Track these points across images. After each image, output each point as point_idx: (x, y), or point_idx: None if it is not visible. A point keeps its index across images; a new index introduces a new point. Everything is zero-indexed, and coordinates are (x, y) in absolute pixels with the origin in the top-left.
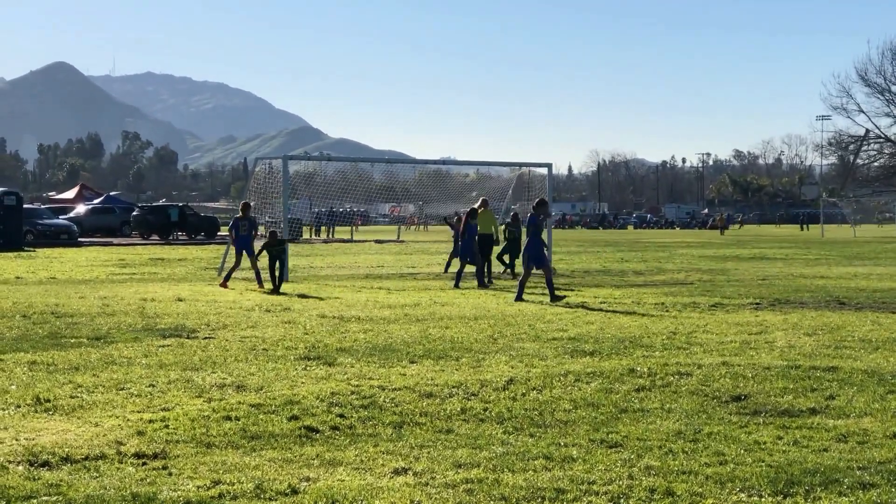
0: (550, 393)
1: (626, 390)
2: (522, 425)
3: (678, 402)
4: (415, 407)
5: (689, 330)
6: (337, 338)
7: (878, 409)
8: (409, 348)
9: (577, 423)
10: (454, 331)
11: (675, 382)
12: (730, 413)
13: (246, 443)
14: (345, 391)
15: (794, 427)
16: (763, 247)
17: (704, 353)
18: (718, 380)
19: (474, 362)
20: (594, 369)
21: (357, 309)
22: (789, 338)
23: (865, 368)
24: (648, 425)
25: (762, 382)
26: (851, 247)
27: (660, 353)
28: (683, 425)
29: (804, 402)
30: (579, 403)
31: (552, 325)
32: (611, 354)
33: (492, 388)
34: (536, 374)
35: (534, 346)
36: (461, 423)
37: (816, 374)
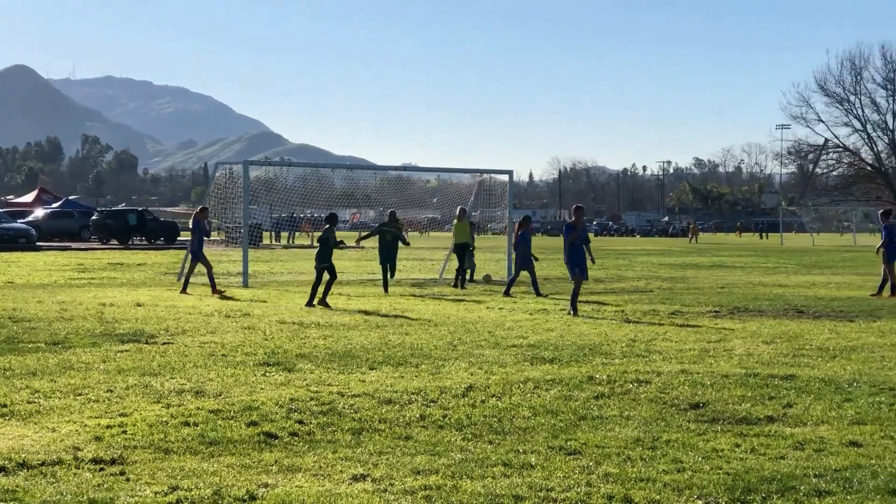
0: (510, 400)
1: (585, 398)
2: (481, 432)
3: (637, 410)
4: (374, 413)
5: (649, 338)
6: (296, 344)
7: (834, 417)
8: (369, 354)
9: (536, 430)
10: (414, 337)
11: (634, 390)
12: (688, 421)
13: (204, 448)
14: (304, 397)
15: (752, 435)
16: (722, 255)
17: (663, 361)
18: (677, 387)
19: (434, 369)
20: (554, 376)
21: (316, 315)
22: (748, 346)
23: (822, 377)
24: (607, 432)
25: (720, 390)
26: (810, 255)
27: (619, 360)
28: (642, 433)
29: (762, 410)
30: (538, 410)
31: (512, 332)
32: (570, 362)
33: (451, 394)
34: (496, 381)
35: (493, 353)
36: (420, 429)
37: (774, 383)
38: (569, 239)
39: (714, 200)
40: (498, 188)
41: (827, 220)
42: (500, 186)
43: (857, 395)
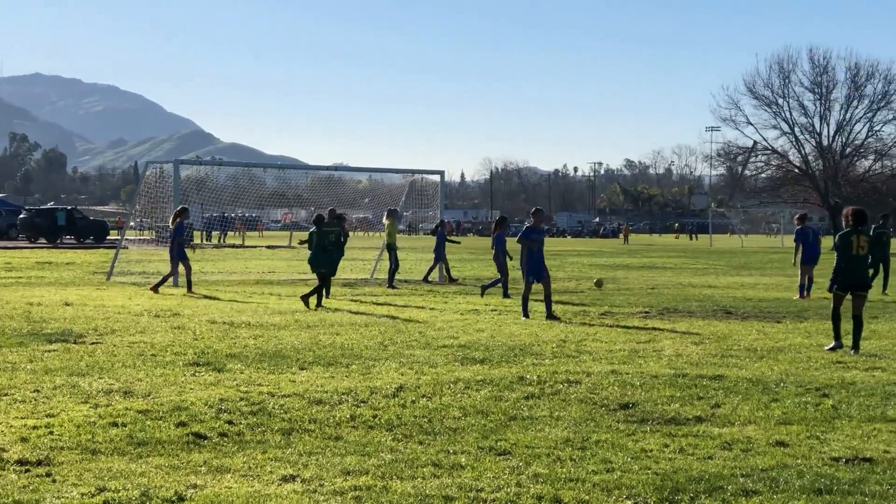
0: (440, 400)
1: (515, 398)
2: (412, 432)
3: (567, 410)
4: (304, 414)
5: (579, 338)
6: (226, 343)
7: (761, 417)
8: (299, 354)
9: (466, 431)
10: (344, 337)
11: (564, 390)
12: (617, 421)
13: (132, 449)
14: (234, 397)
15: (681, 435)
16: (653, 256)
17: (593, 362)
18: (607, 388)
19: (364, 369)
20: (484, 377)
21: (247, 314)
22: (677, 346)
23: (750, 377)
24: (537, 433)
25: (650, 391)
26: (739, 257)
27: (549, 361)
28: (572, 433)
29: (690, 410)
30: (469, 411)
31: (443, 333)
32: (501, 362)
33: (381, 395)
34: (426, 381)
35: (424, 354)
36: (350, 430)
37: (703, 383)
38: (527, 243)
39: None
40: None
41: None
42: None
43: (783, 395)
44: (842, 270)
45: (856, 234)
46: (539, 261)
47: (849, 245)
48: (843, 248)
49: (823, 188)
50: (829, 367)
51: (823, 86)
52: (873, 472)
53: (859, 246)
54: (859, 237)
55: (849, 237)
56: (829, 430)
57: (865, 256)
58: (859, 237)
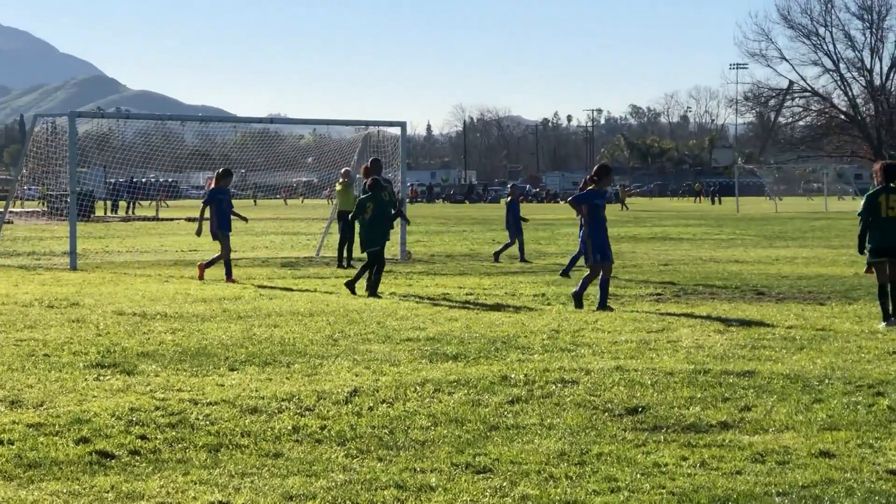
0: (404, 406)
1: (497, 402)
2: (369, 447)
3: (561, 417)
4: (235, 425)
5: (576, 327)
6: (138, 340)
7: (801, 421)
8: (229, 352)
9: (436, 444)
10: (285, 330)
11: (557, 392)
12: (624, 429)
13: (22, 472)
14: (147, 406)
15: (702, 445)
16: (666, 224)
17: (594, 356)
18: (611, 388)
19: (310, 369)
20: (458, 377)
21: (163, 303)
22: (697, 336)
23: (788, 373)
24: (525, 445)
25: (664, 391)
26: (772, 224)
27: (539, 356)
28: (568, 444)
29: (714, 414)
30: (440, 419)
31: (407, 323)
32: (479, 358)
33: (331, 400)
34: (387, 382)
35: (384, 349)
36: (293, 444)
37: (729, 381)
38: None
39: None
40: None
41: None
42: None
43: (828, 394)
44: (871, 236)
45: (885, 194)
46: (605, 234)
47: (877, 206)
48: (868, 210)
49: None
50: (884, 359)
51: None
52: None
53: (889, 207)
54: (889, 197)
55: (877, 197)
56: (884, 436)
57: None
58: (889, 197)
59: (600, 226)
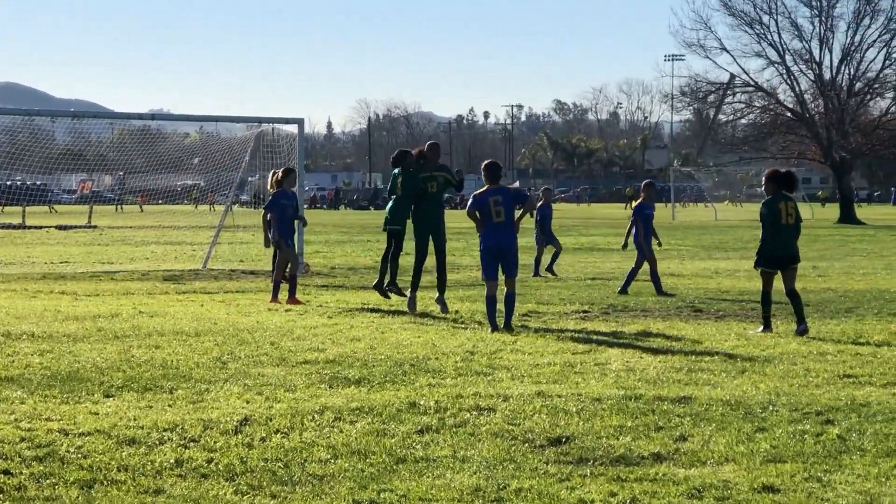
0: (300, 437)
1: (405, 432)
2: (261, 482)
3: (476, 448)
4: (111, 459)
5: (493, 348)
6: (1, 363)
7: (743, 452)
8: (104, 376)
9: (336, 479)
10: (167, 351)
11: (472, 421)
12: (546, 462)
13: None
14: (11, 438)
15: (633, 479)
16: (594, 234)
17: (513, 381)
18: (531, 416)
19: (195, 395)
20: (361, 403)
21: (30, 321)
22: (627, 358)
23: (728, 398)
24: (435, 480)
25: (590, 419)
26: (711, 233)
27: (452, 380)
28: (483, 479)
29: (646, 445)
30: (340, 451)
31: (304, 344)
32: (384, 383)
33: (219, 430)
34: (281, 410)
35: (278, 373)
36: (176, 480)
37: (663, 408)
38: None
39: (582, 158)
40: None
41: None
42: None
43: (773, 422)
44: (768, 243)
45: (784, 202)
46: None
47: (777, 214)
48: (771, 218)
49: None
50: (833, 383)
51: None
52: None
53: (787, 214)
54: (787, 204)
55: (776, 205)
56: (834, 468)
57: (795, 226)
58: (787, 204)
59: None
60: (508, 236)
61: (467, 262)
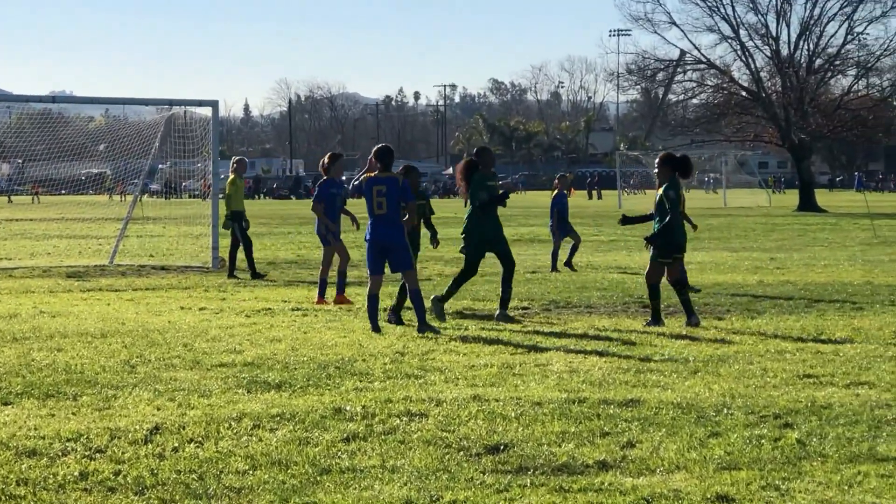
0: (216, 446)
1: (329, 440)
2: (173, 496)
3: (407, 457)
4: (9, 471)
5: (425, 349)
6: None
7: (695, 460)
8: (2, 382)
9: (255, 491)
10: (71, 354)
11: (402, 427)
12: (483, 471)
13: None
14: None
15: (577, 489)
16: (534, 224)
17: (446, 384)
18: (466, 422)
19: (101, 402)
20: (282, 410)
21: None
22: (570, 359)
23: (679, 401)
24: (362, 492)
25: (530, 425)
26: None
27: (380, 383)
28: (415, 490)
29: (591, 452)
30: (260, 461)
31: (220, 345)
32: (307, 387)
33: (127, 440)
34: (195, 417)
35: (192, 377)
36: (80, 494)
37: (609, 412)
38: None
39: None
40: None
41: None
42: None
43: (727, 427)
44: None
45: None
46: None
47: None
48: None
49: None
50: (793, 384)
51: None
52: None
53: (683, 200)
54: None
55: (679, 189)
56: (793, 476)
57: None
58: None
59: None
60: (392, 229)
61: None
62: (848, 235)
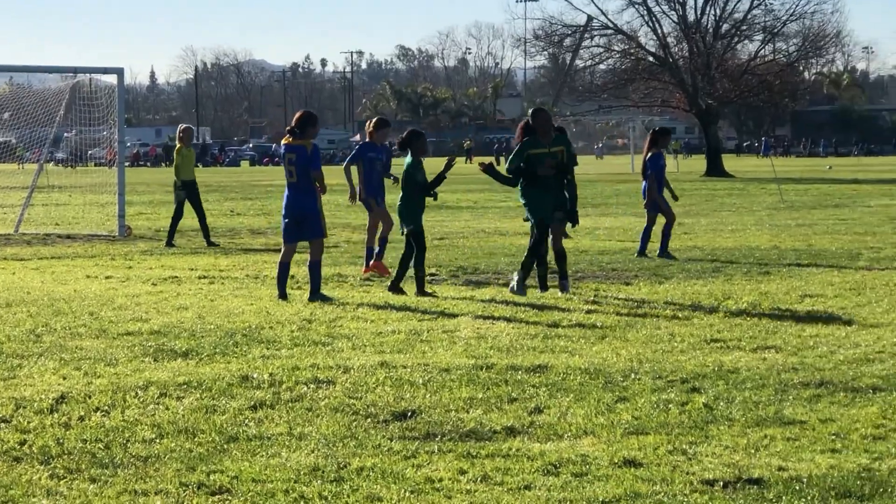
0: (122, 415)
1: (236, 408)
2: (80, 465)
3: (315, 425)
4: None
5: (332, 316)
6: None
7: (602, 425)
8: None
9: (163, 460)
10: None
11: (310, 395)
12: (390, 438)
13: None
14: None
15: (484, 455)
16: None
17: (354, 351)
18: (374, 389)
19: (6, 372)
20: (189, 378)
21: None
22: (478, 325)
23: (586, 367)
24: (270, 460)
25: (438, 392)
26: None
27: (287, 350)
28: (322, 458)
29: (498, 418)
30: (167, 430)
31: (126, 314)
32: (214, 355)
33: (33, 409)
34: (101, 386)
35: (98, 345)
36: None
37: (517, 378)
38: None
39: (428, 109)
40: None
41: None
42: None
43: (634, 392)
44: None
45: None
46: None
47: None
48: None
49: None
50: (700, 348)
51: None
52: (763, 498)
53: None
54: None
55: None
56: (700, 440)
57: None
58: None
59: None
60: (303, 197)
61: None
62: (755, 200)
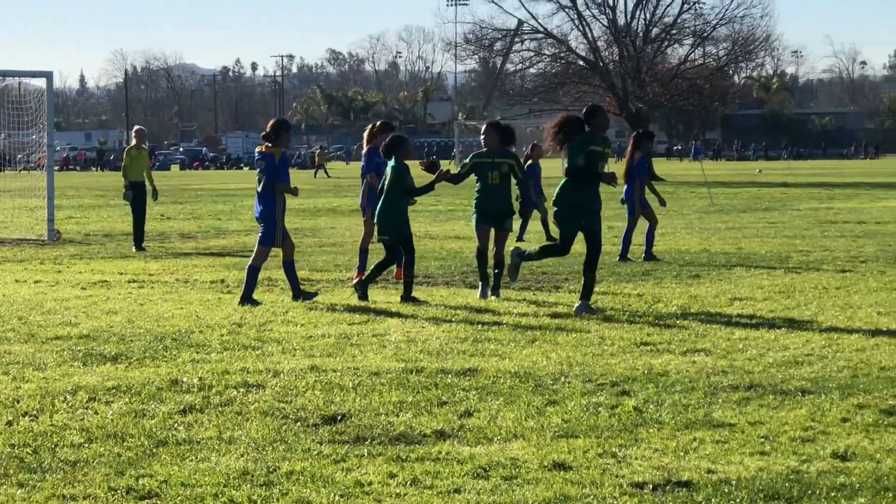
0: (51, 420)
1: (165, 413)
2: (7, 470)
3: (244, 428)
4: None
5: (262, 320)
6: None
7: (532, 428)
8: None
9: (91, 465)
10: None
11: (239, 399)
12: (320, 442)
13: None
14: None
15: (414, 459)
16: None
17: (283, 354)
18: (304, 393)
19: None
20: (118, 382)
21: None
22: (408, 328)
23: (516, 370)
24: (199, 464)
25: (368, 395)
26: None
27: (217, 355)
28: (252, 462)
29: (428, 422)
30: (95, 434)
31: (55, 318)
32: (143, 359)
33: None
34: (30, 391)
35: (26, 350)
36: None
37: (446, 381)
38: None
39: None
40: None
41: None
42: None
43: (564, 395)
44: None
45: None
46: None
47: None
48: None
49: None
50: (630, 352)
51: None
52: (692, 501)
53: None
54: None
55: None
56: (629, 443)
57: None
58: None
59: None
60: (261, 204)
61: (234, 227)
62: (685, 204)
